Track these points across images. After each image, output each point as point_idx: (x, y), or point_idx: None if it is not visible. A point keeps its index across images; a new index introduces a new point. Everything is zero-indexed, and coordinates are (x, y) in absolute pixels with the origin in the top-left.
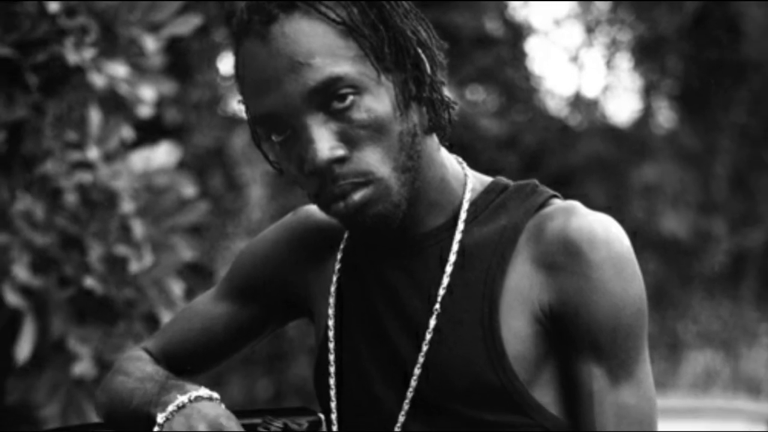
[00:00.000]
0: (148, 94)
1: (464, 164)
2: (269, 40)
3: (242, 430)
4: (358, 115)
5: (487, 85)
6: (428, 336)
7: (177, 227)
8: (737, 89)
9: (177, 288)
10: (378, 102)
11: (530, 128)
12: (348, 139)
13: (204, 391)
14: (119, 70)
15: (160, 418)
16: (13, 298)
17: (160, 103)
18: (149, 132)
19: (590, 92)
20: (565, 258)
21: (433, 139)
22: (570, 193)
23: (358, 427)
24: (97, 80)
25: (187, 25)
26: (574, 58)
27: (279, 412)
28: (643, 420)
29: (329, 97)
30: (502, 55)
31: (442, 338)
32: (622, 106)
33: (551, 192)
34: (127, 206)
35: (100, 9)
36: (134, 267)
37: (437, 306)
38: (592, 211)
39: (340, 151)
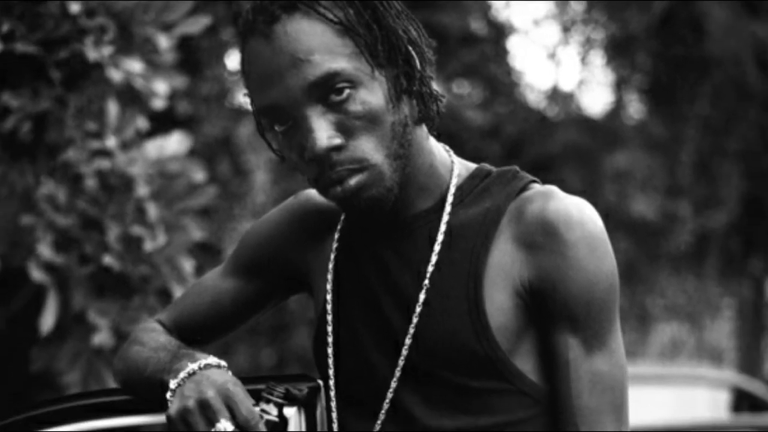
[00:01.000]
0: (161, 87)
1: (451, 152)
2: (272, 39)
3: (248, 394)
4: (354, 107)
5: (471, 79)
6: (418, 309)
7: (188, 209)
8: (701, 84)
9: (188, 265)
10: (372, 95)
11: (511, 119)
12: (344, 129)
13: (213, 360)
14: (135, 65)
15: (173, 384)
16: (37, 275)
17: (173, 96)
18: (162, 122)
19: (566, 86)
20: (543, 237)
21: (423, 129)
22: (548, 179)
23: (354, 392)
24: (115, 75)
25: (198, 24)
26: (552, 55)
27: (281, 378)
28: (615, 386)
29: (327, 90)
30: (485, 52)
31: (430, 311)
32: (596, 98)
33: (531, 177)
34: (142, 190)
35: (117, 10)
36: (149, 246)
37: (426, 282)
38: (568, 195)
39: (338, 140)
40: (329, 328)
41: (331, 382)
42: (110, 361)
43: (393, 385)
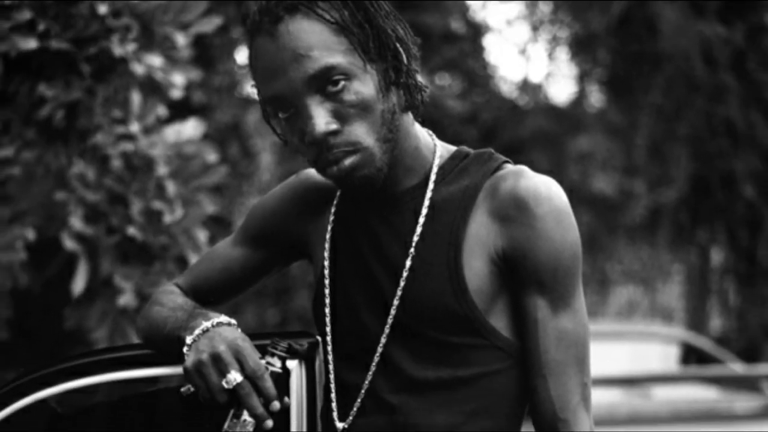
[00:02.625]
0: (178, 79)
1: (434, 136)
2: (276, 37)
3: (255, 349)
4: (348, 96)
5: (452, 72)
6: (405, 274)
7: (202, 187)
8: (654, 76)
9: (202, 236)
10: (364, 86)
11: (487, 107)
12: (340, 116)
13: (224, 318)
14: (155, 60)
15: (189, 339)
16: (70, 244)
17: (189, 87)
18: (180, 110)
19: (535, 78)
20: (515, 211)
21: (409, 116)
22: (519, 160)
23: (348, 347)
24: (138, 69)
25: (211, 24)
26: (523, 51)
27: (284, 334)
28: (578, 341)
29: (325, 82)
30: (464, 48)
31: (416, 276)
32: (561, 89)
33: (504, 158)
34: (161, 170)
35: (140, 11)
36: (168, 218)
37: (412, 250)
38: (536, 174)
39: (334, 126)
40: (327, 291)
41: (329, 339)
42: (134, 319)
43: (383, 341)
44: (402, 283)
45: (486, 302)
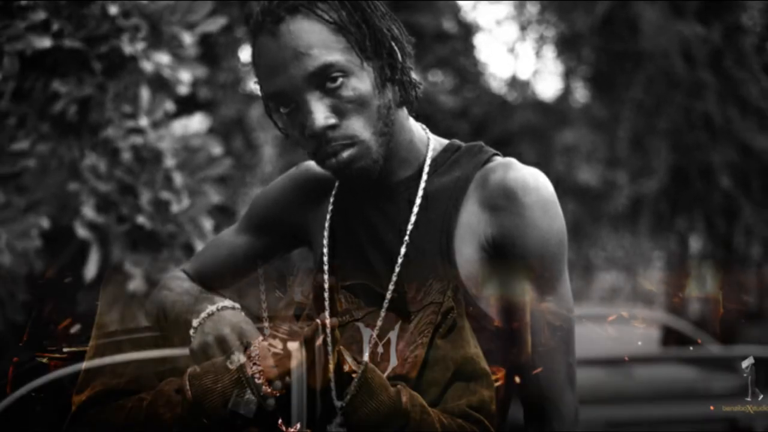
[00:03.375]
0: (185, 76)
1: (427, 130)
2: (278, 36)
3: (257, 331)
4: (346, 92)
5: (444, 69)
6: (400, 261)
7: (207, 178)
8: (636, 73)
9: (207, 224)
10: (361, 83)
11: (477, 103)
12: (338, 111)
13: (228, 302)
14: (163, 58)
15: (195, 323)
16: (82, 232)
17: (195, 83)
18: (186, 105)
19: (523, 75)
20: (504, 201)
21: (404, 111)
22: (508, 152)
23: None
24: (147, 66)
25: (216, 24)
26: (511, 50)
27: (286, 318)
28: (564, 324)
29: (324, 79)
30: (456, 47)
31: (410, 262)
32: (548, 86)
33: (494, 151)
34: (169, 162)
35: (149, 11)
36: (175, 208)
37: (406, 238)
38: (524, 166)
39: (332, 120)
40: (325, 277)
41: (328, 322)
42: (143, 304)
43: (378, 324)
44: (397, 269)
45: (476, 287)
